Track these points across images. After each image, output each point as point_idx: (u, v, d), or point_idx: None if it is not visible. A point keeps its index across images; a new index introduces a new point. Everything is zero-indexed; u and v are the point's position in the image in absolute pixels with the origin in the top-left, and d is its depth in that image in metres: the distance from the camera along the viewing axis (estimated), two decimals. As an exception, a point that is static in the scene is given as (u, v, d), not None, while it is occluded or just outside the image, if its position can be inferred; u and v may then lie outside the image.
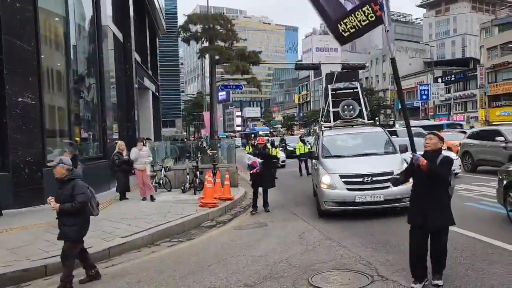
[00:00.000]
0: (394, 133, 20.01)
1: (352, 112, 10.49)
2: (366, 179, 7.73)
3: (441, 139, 4.49)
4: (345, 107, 10.55)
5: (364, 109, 10.57)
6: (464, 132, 22.39)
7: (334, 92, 11.05)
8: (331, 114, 10.72)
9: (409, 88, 64.66)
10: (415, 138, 4.98)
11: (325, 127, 10.62)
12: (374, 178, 7.70)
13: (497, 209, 8.05)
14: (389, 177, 6.82)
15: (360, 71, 69.67)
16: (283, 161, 21.18)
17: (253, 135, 41.33)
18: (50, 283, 5.21)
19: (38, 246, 6.34)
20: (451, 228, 6.40)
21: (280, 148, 16.89)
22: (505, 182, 7.10)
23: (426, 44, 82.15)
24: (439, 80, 56.40)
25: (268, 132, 56.90)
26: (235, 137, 75.86)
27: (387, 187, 7.39)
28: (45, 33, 11.32)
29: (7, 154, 9.78)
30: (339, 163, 8.47)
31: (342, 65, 24.23)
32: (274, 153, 15.29)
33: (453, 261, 5.07)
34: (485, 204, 8.58)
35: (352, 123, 10.40)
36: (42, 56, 10.72)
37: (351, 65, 14.82)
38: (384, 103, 64.32)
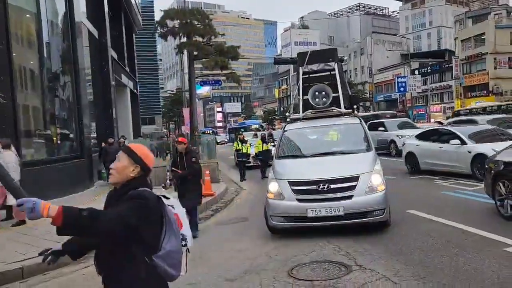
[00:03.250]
0: (381, 125, 20.15)
1: (325, 99, 8.26)
2: (321, 187, 5.92)
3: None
4: (316, 93, 8.34)
5: (341, 95, 8.34)
6: (441, 123, 22.92)
7: (306, 76, 8.98)
8: (300, 102, 8.69)
9: (387, 81, 65.62)
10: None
11: (292, 119, 8.54)
12: (333, 186, 5.91)
13: (470, 196, 8.29)
14: (353, 183, 5.84)
15: (339, 65, 69.93)
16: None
17: (242, 130, 39.68)
18: (27, 286, 5.12)
19: (14, 249, 6.21)
20: (427, 216, 6.57)
21: (272, 144, 16.01)
22: (493, 172, 6.69)
23: (402, 36, 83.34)
24: (416, 72, 57.35)
25: (258, 125, 55.55)
26: (216, 133, 75.54)
27: (349, 197, 5.85)
28: (15, 30, 11.01)
29: (-21, 156, 9.50)
30: (293, 166, 6.74)
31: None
32: (265, 148, 15.05)
33: (429, 248, 5.21)
34: (460, 192, 8.79)
35: (326, 113, 8.27)
36: (14, 54, 10.43)
37: None
38: (363, 95, 65.07)
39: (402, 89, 51.66)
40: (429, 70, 58.53)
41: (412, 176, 11.66)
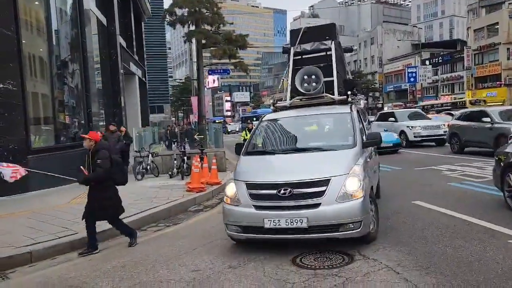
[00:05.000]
0: (391, 115, 19.99)
1: (315, 84, 6.94)
2: (282, 192, 4.80)
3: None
4: (305, 77, 7.05)
5: (336, 80, 7.11)
6: (451, 114, 22.68)
7: (298, 57, 7.80)
8: (289, 88, 7.48)
9: (397, 71, 64.97)
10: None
11: (278, 107, 7.39)
12: (296, 191, 4.78)
13: (477, 188, 8.23)
14: (321, 188, 4.75)
15: (348, 54, 69.52)
16: None
17: (254, 119, 37.95)
18: (35, 270, 5.22)
19: (23, 233, 6.32)
20: (432, 207, 6.55)
21: None
22: (503, 164, 6.53)
23: (414, 26, 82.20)
24: (427, 62, 56.67)
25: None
26: (226, 122, 75.57)
27: (315, 205, 4.72)
28: (25, 17, 11.07)
29: (-10, 142, 9.65)
30: (256, 165, 5.71)
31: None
32: None
33: (433, 239, 5.19)
34: (467, 184, 8.74)
35: (317, 100, 7.05)
36: (23, 41, 10.51)
37: None
38: (373, 86, 64.56)
39: (412, 79, 51.23)
40: (440, 61, 57.83)
41: (418, 167, 11.59)
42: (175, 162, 12.58)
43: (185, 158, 12.18)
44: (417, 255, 4.66)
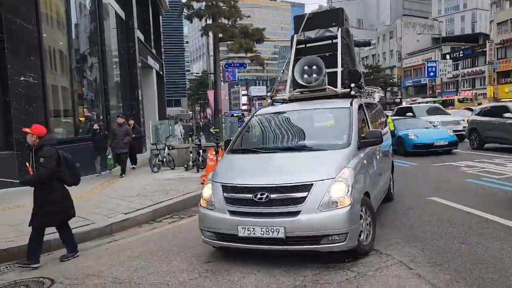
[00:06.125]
0: (409, 110, 19.69)
1: (317, 75, 6.36)
2: (259, 197, 4.32)
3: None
4: (306, 68, 6.48)
5: (339, 71, 6.45)
6: (471, 109, 22.23)
7: (302, 45, 7.17)
8: (289, 80, 6.95)
9: (416, 65, 63.96)
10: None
11: (276, 101, 6.92)
12: (273, 195, 4.29)
13: (496, 185, 8.08)
14: (301, 194, 4.22)
15: (367, 48, 68.11)
16: None
17: None
18: (53, 258, 5.36)
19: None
20: (448, 203, 6.46)
21: None
22: None
23: (434, 19, 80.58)
24: (447, 56, 55.56)
25: None
26: (243, 116, 75.71)
27: (295, 213, 4.19)
28: (45, 11, 11.28)
29: (11, 133, 9.89)
30: (236, 165, 5.24)
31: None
32: None
33: (448, 235, 5.13)
34: (485, 181, 8.58)
35: (318, 93, 6.46)
36: (44, 35, 10.72)
37: (356, 41, 10.39)
38: (391, 80, 63.69)
39: (432, 74, 50.26)
40: (461, 55, 56.65)
41: (435, 163, 11.43)
42: (191, 155, 12.69)
43: (201, 151, 12.28)
44: (431, 251, 4.61)
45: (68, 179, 5.20)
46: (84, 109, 13.44)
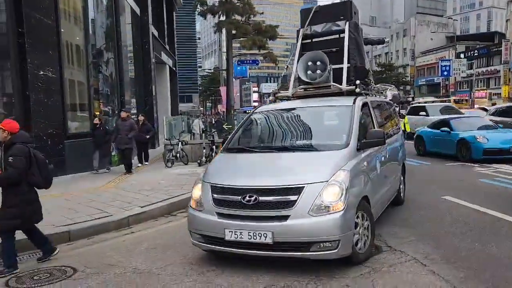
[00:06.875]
0: (422, 109, 19.56)
1: (321, 71, 6.05)
2: (247, 199, 4.12)
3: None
4: (309, 63, 6.21)
5: (345, 67, 6.17)
6: (486, 109, 22.02)
7: (308, 40, 6.91)
8: (292, 76, 6.72)
9: (430, 64, 63.28)
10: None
11: (278, 98, 6.74)
12: (262, 198, 4.08)
13: (510, 185, 8.06)
14: (291, 197, 4.00)
15: (379, 46, 67.53)
16: None
17: None
18: (74, 248, 5.52)
19: (61, 214, 6.66)
20: (462, 202, 6.48)
21: None
22: None
23: (449, 18, 79.63)
24: (462, 55, 54.85)
25: None
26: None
27: (284, 217, 3.99)
28: (64, 7, 11.47)
29: (30, 126, 10.09)
30: (229, 164, 5.03)
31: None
32: None
33: (462, 234, 5.17)
34: (499, 181, 8.55)
35: (322, 90, 6.18)
36: (62, 30, 10.91)
37: (369, 39, 9.90)
38: (404, 79, 63.16)
39: (445, 73, 49.65)
40: (475, 54, 55.87)
41: (448, 163, 11.39)
42: (204, 150, 12.83)
43: (214, 147, 12.42)
44: (445, 249, 4.66)
45: (39, 181, 4.78)
46: (100, 104, 13.64)
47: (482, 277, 3.89)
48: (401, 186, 6.84)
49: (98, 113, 12.65)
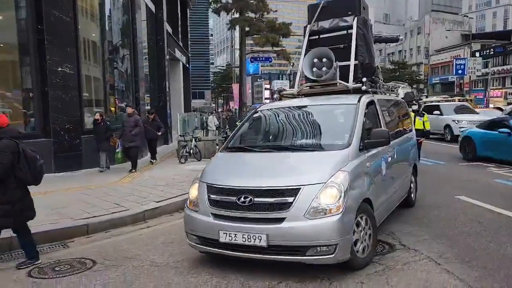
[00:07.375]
0: (436, 108, 19.38)
1: (327, 68, 5.93)
2: (242, 200, 4.00)
3: None
4: (315, 60, 6.08)
5: (352, 64, 6.02)
6: (501, 109, 21.75)
7: (315, 37, 6.78)
8: (298, 73, 6.72)
9: (444, 62, 62.56)
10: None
11: (284, 96, 6.69)
12: (258, 199, 3.96)
13: (527, 186, 8.00)
14: (287, 199, 3.87)
15: (393, 44, 67.01)
16: None
17: None
18: (92, 241, 5.66)
19: (79, 207, 6.81)
20: (476, 202, 6.45)
21: None
22: None
23: (464, 15, 78.49)
24: (477, 54, 54.09)
25: None
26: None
27: (279, 220, 3.86)
28: (81, 4, 11.65)
29: (48, 121, 10.31)
30: (227, 163, 4.91)
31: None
32: None
33: (476, 234, 5.18)
34: (515, 181, 8.51)
35: (328, 88, 6.02)
36: (80, 27, 11.09)
37: (383, 37, 9.65)
38: (417, 77, 62.55)
39: (460, 71, 49.04)
40: (491, 52, 55.07)
41: (464, 163, 11.32)
42: (217, 147, 12.93)
43: (227, 143, 12.50)
44: (459, 248, 4.68)
45: (27, 177, 4.56)
46: (115, 100, 13.83)
47: (497, 276, 3.91)
48: (412, 188, 6.65)
49: (100, 109, 12.46)
